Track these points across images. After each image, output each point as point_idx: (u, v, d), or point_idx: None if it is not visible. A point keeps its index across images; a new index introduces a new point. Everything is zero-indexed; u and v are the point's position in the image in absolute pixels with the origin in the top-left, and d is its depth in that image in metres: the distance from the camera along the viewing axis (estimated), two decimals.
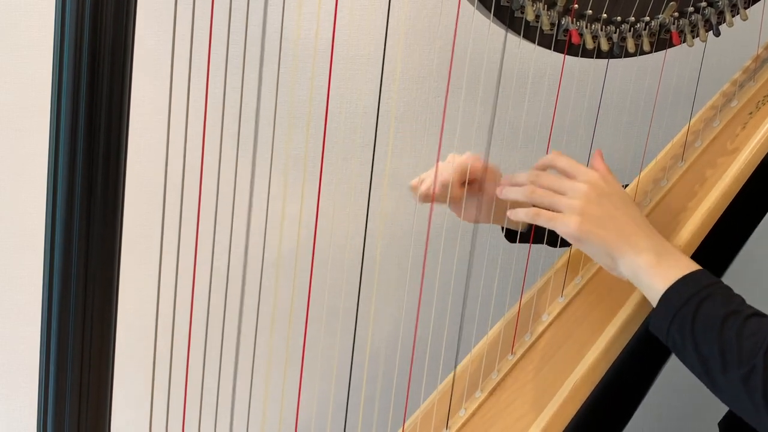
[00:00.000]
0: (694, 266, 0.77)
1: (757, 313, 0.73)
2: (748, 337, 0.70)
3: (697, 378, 0.76)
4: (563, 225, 0.78)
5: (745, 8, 0.90)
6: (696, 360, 0.73)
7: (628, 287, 0.87)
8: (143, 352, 1.31)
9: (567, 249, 0.97)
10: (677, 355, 0.77)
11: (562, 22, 0.84)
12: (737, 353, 0.70)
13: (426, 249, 0.93)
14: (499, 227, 0.99)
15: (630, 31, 0.86)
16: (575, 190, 0.78)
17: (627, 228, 0.78)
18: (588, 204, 0.77)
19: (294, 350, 0.88)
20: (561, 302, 0.92)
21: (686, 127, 0.98)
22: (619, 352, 0.85)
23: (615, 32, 0.86)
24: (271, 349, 0.85)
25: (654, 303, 0.77)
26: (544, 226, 0.79)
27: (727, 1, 0.88)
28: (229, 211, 0.73)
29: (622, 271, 0.79)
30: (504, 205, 0.90)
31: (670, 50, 0.90)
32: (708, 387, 0.74)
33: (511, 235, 0.98)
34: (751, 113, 0.94)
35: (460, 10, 0.80)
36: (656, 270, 0.76)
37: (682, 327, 0.73)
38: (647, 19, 0.87)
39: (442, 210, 1.22)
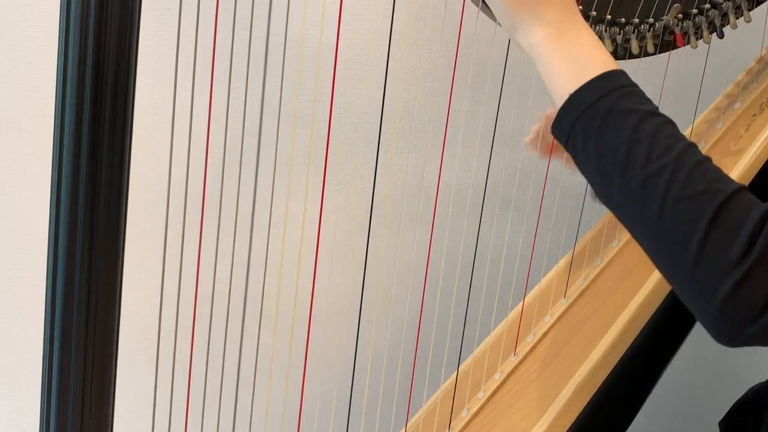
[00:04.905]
0: (606, 56, 0.68)
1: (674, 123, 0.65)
2: (666, 138, 0.62)
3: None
4: None
5: (749, 10, 0.90)
6: (594, 159, 0.64)
7: (631, 288, 0.87)
8: (146, 352, 1.31)
9: (569, 250, 0.97)
10: (575, 159, 0.67)
11: None
12: (647, 150, 0.61)
13: (429, 249, 0.93)
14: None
15: (634, 32, 0.86)
16: None
17: None
18: None
19: (297, 350, 0.88)
20: (564, 303, 0.92)
21: (690, 129, 0.98)
22: (622, 354, 0.85)
23: (619, 34, 0.86)
24: (273, 349, 0.85)
25: (554, 87, 0.68)
26: None
27: (731, 3, 0.88)
28: (233, 211, 0.73)
29: (520, 42, 0.70)
30: None
31: (673, 52, 0.90)
32: (599, 196, 0.66)
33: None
34: (754, 115, 0.94)
35: (464, 10, 0.80)
36: (555, 44, 0.68)
37: (590, 121, 0.64)
38: (651, 20, 0.87)
39: (445, 210, 1.22)
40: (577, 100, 0.65)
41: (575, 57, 0.67)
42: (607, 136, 0.63)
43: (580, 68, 0.66)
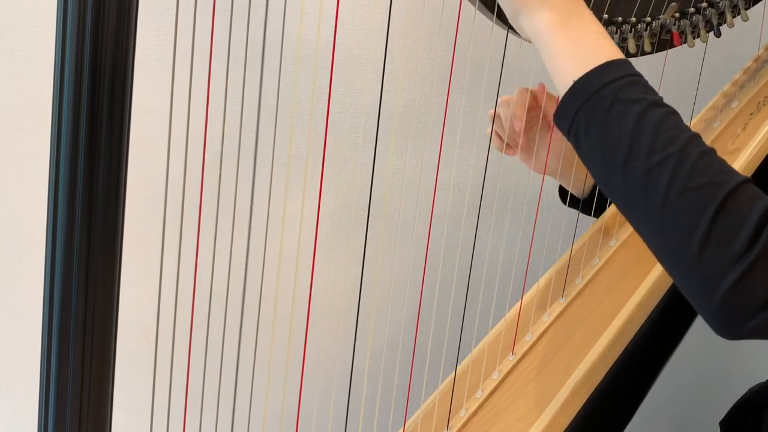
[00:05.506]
0: (612, 45, 0.67)
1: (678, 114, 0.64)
2: (670, 128, 0.61)
3: (604, 190, 0.63)
4: None
5: (746, 9, 0.90)
6: (597, 149, 0.62)
7: (629, 287, 0.87)
8: (146, 352, 1.31)
9: (568, 248, 0.97)
10: (576, 149, 0.66)
11: None
12: (651, 140, 0.60)
13: (427, 249, 0.93)
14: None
15: (631, 31, 0.86)
16: None
17: None
18: None
19: (295, 350, 0.88)
20: (562, 303, 0.92)
21: None
22: (620, 352, 0.85)
23: (616, 33, 0.86)
24: (271, 349, 0.85)
25: (557, 73, 0.67)
26: None
27: (728, 2, 0.88)
28: (230, 211, 0.73)
29: (524, 27, 0.69)
30: (570, 155, 0.91)
31: (670, 51, 0.90)
32: (601, 186, 0.65)
33: (566, 197, 1.01)
34: (751, 114, 0.94)
35: (461, 10, 0.80)
36: (561, 31, 0.67)
37: (594, 109, 0.63)
38: (648, 19, 0.87)
39: (443, 210, 1.22)
40: (582, 87, 0.64)
41: (581, 44, 0.66)
42: (611, 125, 0.62)
43: (585, 55, 0.65)
